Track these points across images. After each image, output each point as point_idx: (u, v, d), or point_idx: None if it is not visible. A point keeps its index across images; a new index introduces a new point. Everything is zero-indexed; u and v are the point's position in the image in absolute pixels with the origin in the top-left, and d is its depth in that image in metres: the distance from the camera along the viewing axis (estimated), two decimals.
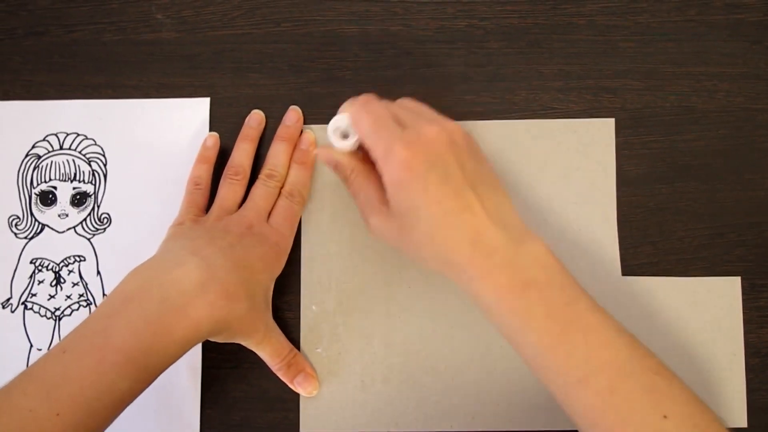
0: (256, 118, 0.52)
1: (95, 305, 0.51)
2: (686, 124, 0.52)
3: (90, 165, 0.52)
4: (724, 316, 0.50)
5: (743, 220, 0.51)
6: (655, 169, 0.51)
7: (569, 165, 0.51)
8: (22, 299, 0.51)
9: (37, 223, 0.52)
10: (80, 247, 0.52)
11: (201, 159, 0.51)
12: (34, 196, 0.52)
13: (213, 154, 0.51)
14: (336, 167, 0.45)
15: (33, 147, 0.53)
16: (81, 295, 0.51)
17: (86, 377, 0.38)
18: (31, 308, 0.51)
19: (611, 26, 0.53)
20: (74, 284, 0.51)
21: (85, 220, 0.52)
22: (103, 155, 0.53)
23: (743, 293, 0.50)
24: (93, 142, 0.53)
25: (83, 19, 0.54)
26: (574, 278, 0.40)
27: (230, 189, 0.49)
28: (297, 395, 0.50)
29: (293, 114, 0.51)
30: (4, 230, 0.52)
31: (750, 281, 0.50)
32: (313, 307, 0.51)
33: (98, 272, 0.52)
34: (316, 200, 0.52)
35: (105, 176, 0.52)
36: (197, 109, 0.53)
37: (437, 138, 0.40)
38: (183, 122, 0.53)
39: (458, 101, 0.53)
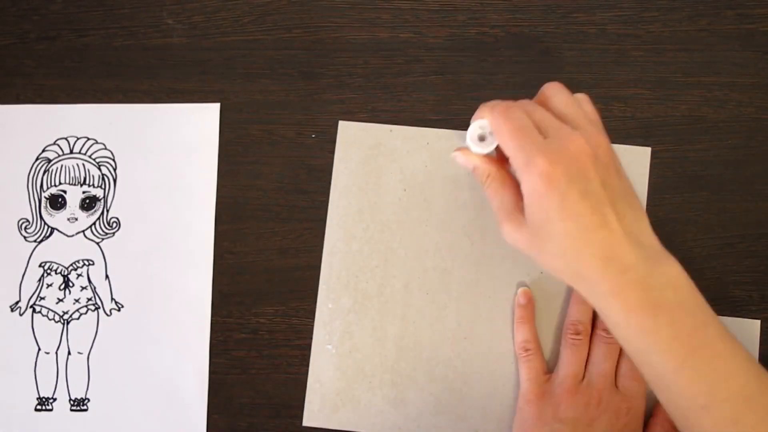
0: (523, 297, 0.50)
1: (103, 309, 0.51)
2: (696, 133, 0.52)
3: (100, 169, 0.53)
4: None
5: (753, 231, 0.51)
6: (664, 179, 0.51)
7: None
8: (31, 302, 0.51)
9: (46, 227, 0.52)
10: (89, 251, 0.52)
11: (520, 320, 0.49)
12: (43, 200, 0.52)
13: (530, 312, 0.49)
14: (473, 171, 0.45)
15: (43, 151, 0.53)
16: (89, 299, 0.51)
17: None
18: (40, 312, 0.51)
19: (622, 35, 0.53)
20: (83, 288, 0.52)
21: (94, 224, 0.52)
22: (113, 159, 0.53)
23: (753, 304, 0.50)
24: (103, 147, 0.53)
25: (95, 23, 0.54)
26: (706, 304, 0.39)
27: (575, 351, 0.48)
28: (303, 401, 0.50)
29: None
30: (13, 233, 0.52)
31: (760, 292, 0.50)
32: (329, 305, 0.51)
33: (107, 276, 0.52)
34: (344, 196, 0.52)
35: (115, 180, 0.52)
36: (207, 115, 0.53)
37: (580, 152, 0.39)
38: (193, 127, 0.53)
39: (468, 109, 0.52)
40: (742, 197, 0.51)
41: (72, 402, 0.50)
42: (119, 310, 0.51)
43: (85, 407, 0.50)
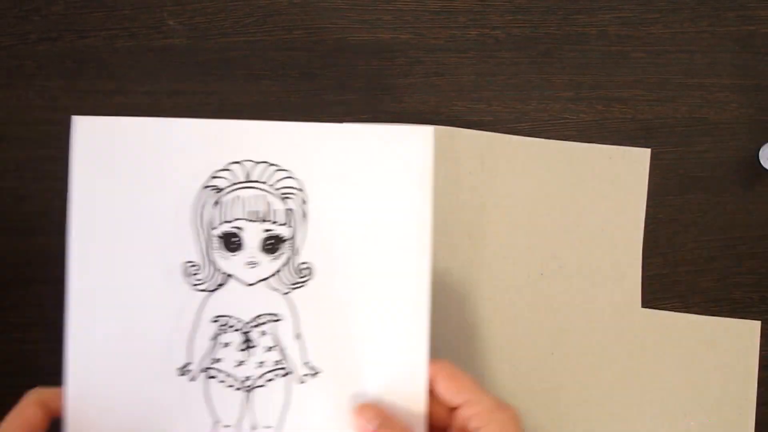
0: None
1: (295, 375, 0.42)
2: (697, 135, 0.52)
3: (285, 202, 0.42)
4: (739, 361, 0.49)
5: (754, 233, 0.51)
6: (665, 181, 0.51)
7: (600, 191, 0.51)
8: (204, 365, 0.42)
9: (219, 273, 0.42)
10: (274, 303, 0.42)
11: None
12: (215, 239, 0.42)
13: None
14: (360, 412, 0.41)
15: (212, 178, 0.42)
16: (277, 362, 0.42)
17: None
18: (215, 377, 0.42)
19: (623, 36, 0.53)
20: (268, 349, 0.42)
21: (280, 270, 0.42)
22: (302, 190, 0.42)
23: (753, 305, 0.50)
24: (289, 175, 0.42)
25: (96, 25, 0.54)
26: None
27: None
28: None
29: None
30: (177, 280, 0.41)
31: (761, 294, 0.50)
32: None
33: (298, 335, 0.42)
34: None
35: (305, 216, 0.42)
36: (418, 139, 0.42)
37: None
38: (401, 154, 0.42)
39: (468, 110, 0.53)
40: (742, 199, 0.51)
41: None
42: (315, 375, 0.42)
43: None
